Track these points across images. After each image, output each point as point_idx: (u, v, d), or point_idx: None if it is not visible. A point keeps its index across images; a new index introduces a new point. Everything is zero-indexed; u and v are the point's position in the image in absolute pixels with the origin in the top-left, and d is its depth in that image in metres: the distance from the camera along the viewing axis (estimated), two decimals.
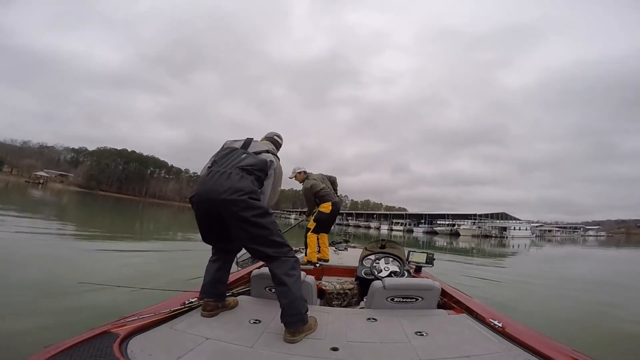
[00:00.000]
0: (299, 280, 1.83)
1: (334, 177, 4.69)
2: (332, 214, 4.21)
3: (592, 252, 26.49)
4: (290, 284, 1.72)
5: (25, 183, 70.74)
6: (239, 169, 1.85)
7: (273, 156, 2.10)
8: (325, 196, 4.20)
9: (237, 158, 1.93)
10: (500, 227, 56.95)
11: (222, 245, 2.01)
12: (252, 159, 1.95)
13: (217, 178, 1.79)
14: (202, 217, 1.87)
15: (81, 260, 5.71)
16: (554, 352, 1.48)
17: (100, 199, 52.32)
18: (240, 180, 1.79)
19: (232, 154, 1.97)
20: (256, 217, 1.75)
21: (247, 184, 1.80)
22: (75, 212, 20.64)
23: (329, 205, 4.16)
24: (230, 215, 1.75)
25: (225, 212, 1.75)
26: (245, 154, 1.97)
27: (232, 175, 1.79)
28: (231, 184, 1.75)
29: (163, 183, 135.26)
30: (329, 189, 4.36)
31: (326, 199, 4.18)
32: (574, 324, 4.73)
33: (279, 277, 1.74)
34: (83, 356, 1.21)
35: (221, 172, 1.82)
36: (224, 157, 1.95)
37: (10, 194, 30.00)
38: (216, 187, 1.75)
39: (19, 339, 2.56)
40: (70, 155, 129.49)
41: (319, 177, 4.40)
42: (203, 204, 1.80)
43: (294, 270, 1.79)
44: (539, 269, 11.93)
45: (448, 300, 2.51)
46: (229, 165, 1.87)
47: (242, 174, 1.83)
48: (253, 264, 3.32)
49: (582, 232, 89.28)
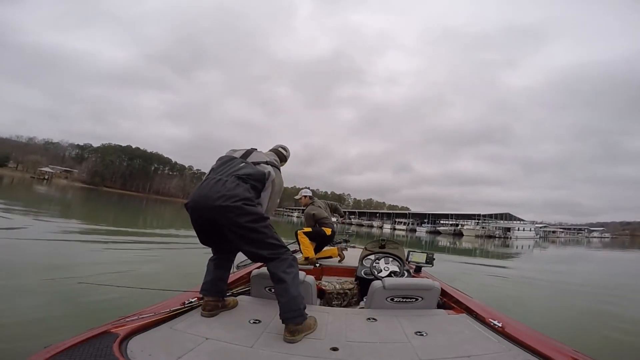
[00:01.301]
0: (297, 278, 1.84)
1: (336, 205, 5.16)
2: (328, 238, 4.48)
3: (596, 253, 26.34)
4: (288, 281, 1.74)
5: (31, 179, 71.46)
6: (235, 177, 1.86)
7: (272, 168, 2.09)
8: (327, 224, 4.50)
9: (235, 167, 1.95)
10: (504, 227, 56.61)
11: (220, 246, 2.03)
12: (249, 168, 1.96)
13: (213, 185, 1.81)
14: (197, 222, 1.89)
15: (81, 259, 5.71)
16: (554, 352, 1.48)
17: (104, 195, 52.77)
18: (235, 187, 1.80)
19: (230, 162, 1.99)
20: (250, 223, 1.77)
21: (241, 191, 1.81)
22: (79, 208, 20.81)
23: (329, 230, 4.44)
24: (225, 221, 1.77)
25: (219, 218, 1.77)
26: (243, 163, 1.99)
27: (227, 183, 1.81)
28: (226, 191, 1.77)
29: (167, 180, 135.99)
30: (330, 218, 4.72)
31: (327, 226, 4.47)
32: (575, 325, 4.72)
33: (277, 275, 1.77)
34: (83, 356, 1.21)
35: (217, 179, 1.84)
36: (221, 165, 1.98)
37: (15, 189, 30.28)
38: (211, 194, 1.77)
39: (19, 339, 2.57)
40: (75, 151, 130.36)
41: (323, 205, 4.73)
42: (198, 209, 1.82)
43: (292, 268, 1.82)
44: (541, 270, 11.87)
45: (448, 300, 2.50)
46: (225, 173, 1.89)
47: (238, 182, 1.84)
48: (252, 265, 3.33)
49: (587, 234, 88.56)
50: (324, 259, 4.29)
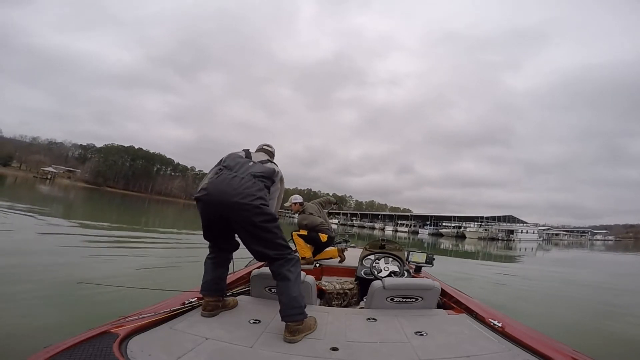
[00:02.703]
0: (299, 278, 1.89)
1: (328, 198, 4.90)
2: (324, 244, 4.36)
3: (599, 256, 26.20)
4: (292, 279, 1.80)
5: (33, 178, 71.86)
6: (251, 175, 1.90)
7: (276, 165, 2.17)
8: (323, 230, 4.34)
9: (248, 165, 1.99)
10: (507, 230, 56.37)
11: (221, 243, 2.06)
12: (260, 167, 2.01)
13: (230, 181, 1.84)
14: (208, 216, 1.91)
15: (81, 259, 5.72)
16: (553, 352, 1.48)
17: (106, 195, 52.94)
18: (252, 186, 1.85)
19: (242, 161, 2.02)
20: (264, 223, 1.81)
21: (257, 190, 1.86)
22: (80, 208, 20.85)
23: (325, 237, 4.33)
24: (239, 219, 1.81)
25: (234, 215, 1.80)
26: (252, 163, 2.03)
27: (244, 181, 1.85)
28: (243, 189, 1.81)
29: (169, 180, 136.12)
30: (326, 221, 4.52)
31: (323, 232, 4.33)
32: (575, 325, 4.72)
33: (281, 273, 1.81)
34: (83, 356, 1.22)
35: (233, 176, 1.87)
36: (235, 163, 1.99)
37: (17, 188, 30.42)
38: (229, 190, 1.80)
39: (19, 339, 2.58)
40: (78, 151, 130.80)
41: (315, 209, 4.53)
42: (212, 204, 1.84)
43: (295, 268, 1.87)
44: (544, 272, 11.83)
45: (448, 300, 2.51)
46: (241, 170, 1.92)
47: (254, 180, 1.89)
48: (252, 265, 3.34)
49: (590, 236, 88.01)
50: (325, 259, 4.29)
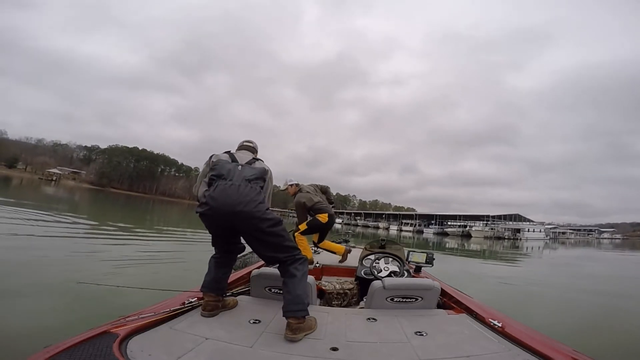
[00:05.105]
0: (306, 276, 1.90)
1: (326, 187, 4.64)
2: (327, 225, 4.17)
3: (607, 254, 25.94)
4: (298, 276, 1.82)
5: (39, 180, 72.46)
6: (246, 180, 1.88)
7: (264, 163, 2.14)
8: (322, 208, 4.13)
9: (238, 170, 1.94)
10: (514, 228, 55.73)
11: (228, 246, 2.07)
12: (250, 170, 1.98)
13: (228, 191, 1.82)
14: (214, 229, 1.93)
15: (81, 259, 5.76)
16: (553, 352, 1.47)
17: (111, 196, 53.27)
18: (250, 191, 1.84)
19: (231, 166, 1.96)
20: (271, 227, 1.83)
21: (256, 195, 1.85)
22: (85, 209, 20.96)
23: (325, 217, 4.11)
24: (246, 227, 1.82)
25: (240, 224, 1.81)
26: (241, 166, 1.98)
27: (241, 188, 1.83)
28: (244, 196, 1.80)
29: (173, 181, 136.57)
30: (324, 200, 4.29)
31: (323, 211, 4.12)
32: (575, 325, 4.70)
33: (289, 270, 1.84)
34: (83, 356, 1.22)
35: (229, 185, 1.84)
36: (226, 170, 1.93)
37: (23, 190, 30.65)
38: (230, 201, 1.78)
39: (19, 339, 2.60)
40: (83, 152, 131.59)
41: (312, 190, 4.31)
42: (217, 217, 1.83)
43: (303, 266, 1.89)
44: (551, 271, 11.76)
45: (448, 300, 2.51)
46: (235, 177, 1.89)
47: (250, 185, 1.87)
48: (252, 265, 3.35)
49: (597, 235, 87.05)
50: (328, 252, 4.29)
